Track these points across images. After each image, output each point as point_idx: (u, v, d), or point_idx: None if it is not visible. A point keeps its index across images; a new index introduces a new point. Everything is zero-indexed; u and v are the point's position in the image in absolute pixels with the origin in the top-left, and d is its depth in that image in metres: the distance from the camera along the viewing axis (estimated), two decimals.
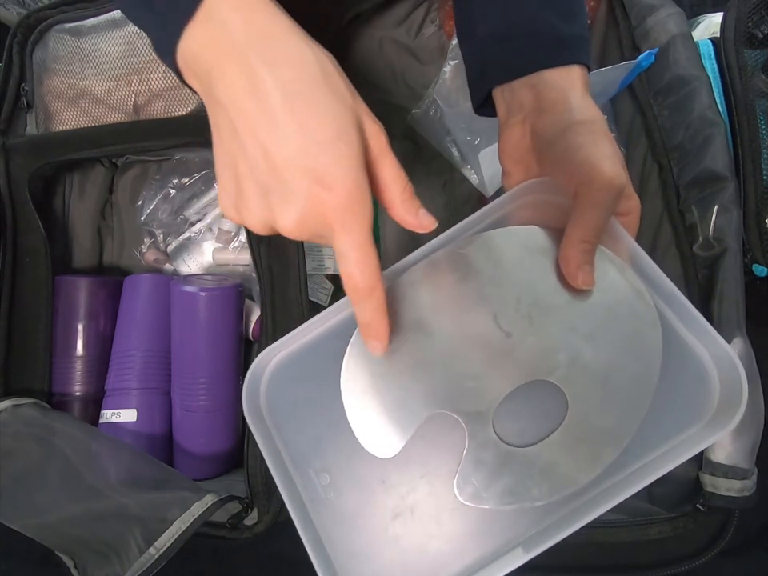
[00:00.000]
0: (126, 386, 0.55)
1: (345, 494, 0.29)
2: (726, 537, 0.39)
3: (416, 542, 0.28)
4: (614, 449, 0.27)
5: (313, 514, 0.29)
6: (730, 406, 0.27)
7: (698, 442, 0.27)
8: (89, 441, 0.46)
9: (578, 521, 0.26)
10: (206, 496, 0.42)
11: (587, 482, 0.27)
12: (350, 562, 0.28)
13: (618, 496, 0.26)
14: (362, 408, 0.30)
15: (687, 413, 0.28)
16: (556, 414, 0.28)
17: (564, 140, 0.30)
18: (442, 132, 0.59)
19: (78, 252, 0.66)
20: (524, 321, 0.29)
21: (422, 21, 0.60)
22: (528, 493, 0.27)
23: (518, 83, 0.32)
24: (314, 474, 0.30)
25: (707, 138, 0.43)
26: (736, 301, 0.40)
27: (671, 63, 0.45)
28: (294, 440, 0.31)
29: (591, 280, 0.28)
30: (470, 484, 0.28)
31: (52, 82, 0.57)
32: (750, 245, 0.43)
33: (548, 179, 0.31)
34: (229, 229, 0.62)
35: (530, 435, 0.28)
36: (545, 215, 0.31)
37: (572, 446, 0.28)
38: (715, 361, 0.28)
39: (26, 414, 0.49)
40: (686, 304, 0.28)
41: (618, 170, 0.28)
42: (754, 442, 0.38)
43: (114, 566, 0.41)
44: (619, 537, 0.39)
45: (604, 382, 0.28)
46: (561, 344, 0.29)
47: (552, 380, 0.28)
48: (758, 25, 0.46)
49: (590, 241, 0.28)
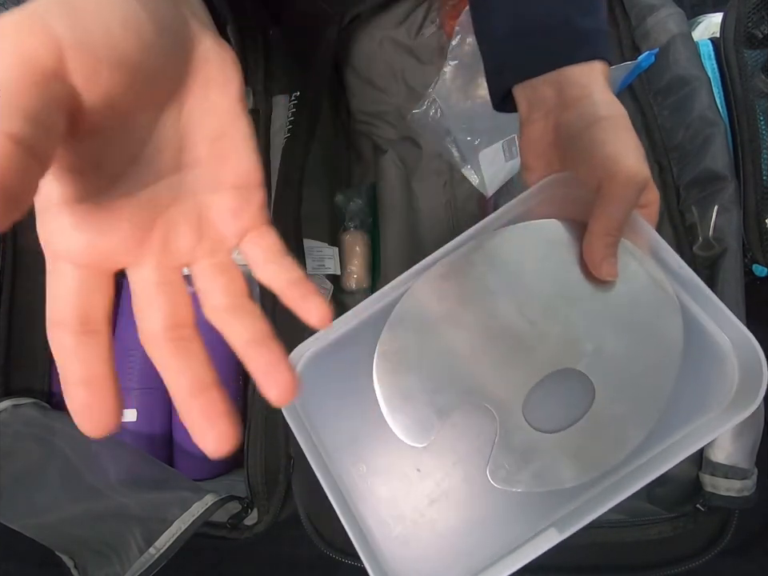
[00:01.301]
0: (126, 386, 0.55)
1: (381, 483, 0.31)
2: (726, 537, 0.39)
3: (452, 525, 0.29)
4: (639, 433, 0.29)
5: (351, 503, 0.31)
6: (750, 391, 0.28)
7: (718, 426, 0.28)
8: (89, 441, 0.46)
9: (609, 501, 0.27)
10: (206, 496, 0.42)
11: (614, 465, 0.28)
12: (390, 547, 0.30)
13: (644, 477, 0.27)
14: (395, 399, 0.31)
15: (708, 397, 0.29)
16: (583, 401, 0.29)
17: (588, 135, 0.30)
18: (442, 132, 0.59)
19: None
20: (549, 312, 0.30)
21: (422, 21, 0.60)
22: (558, 476, 0.29)
23: (539, 80, 0.32)
24: (351, 464, 0.31)
25: (707, 137, 0.43)
26: (736, 301, 0.40)
27: (671, 63, 0.45)
28: (330, 433, 0.32)
29: (615, 271, 0.29)
30: (502, 468, 0.29)
31: None
32: (750, 245, 0.43)
33: (571, 174, 0.32)
34: None
35: (559, 421, 0.29)
36: (567, 209, 0.32)
37: (598, 431, 0.29)
38: (735, 346, 0.29)
39: (26, 414, 0.49)
40: (707, 291, 0.29)
41: (642, 164, 0.29)
42: (754, 442, 0.38)
43: (114, 565, 0.41)
44: (619, 537, 0.39)
45: (628, 369, 0.29)
46: (585, 334, 0.30)
47: (579, 368, 0.30)
48: (758, 25, 0.46)
49: (614, 234, 0.29)
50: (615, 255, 0.29)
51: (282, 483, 0.44)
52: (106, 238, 0.18)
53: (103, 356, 0.18)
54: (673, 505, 0.41)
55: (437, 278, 0.32)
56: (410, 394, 0.31)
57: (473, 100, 0.57)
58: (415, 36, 0.61)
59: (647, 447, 0.29)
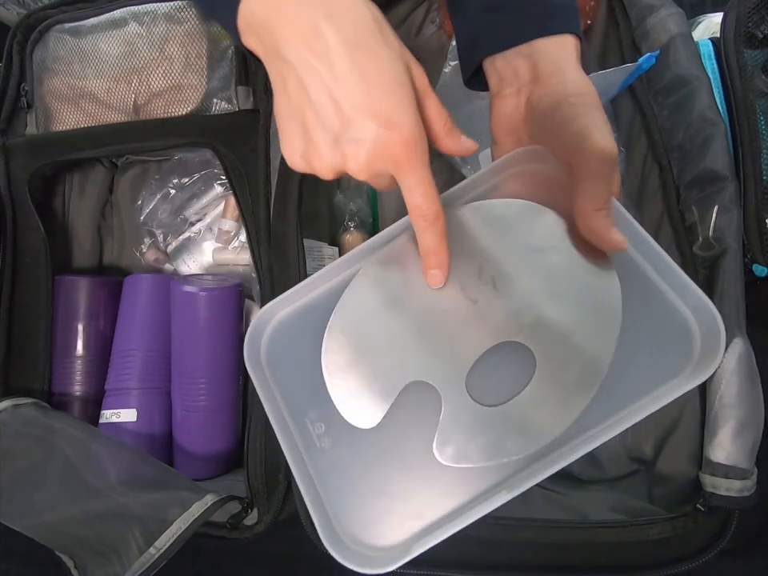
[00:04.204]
0: (126, 386, 0.55)
1: (338, 443, 0.31)
2: (726, 537, 0.39)
3: (405, 488, 0.30)
4: (582, 399, 0.29)
5: (308, 460, 0.31)
6: (710, 356, 0.28)
7: (676, 391, 0.28)
8: (89, 441, 0.46)
9: (558, 463, 0.28)
10: (206, 496, 0.42)
11: (561, 433, 0.29)
12: (342, 507, 0.30)
13: (597, 440, 0.28)
14: (341, 381, 0.31)
15: (668, 364, 0.29)
16: (526, 372, 0.30)
17: (559, 111, 0.30)
18: None
19: (78, 252, 0.66)
20: (488, 287, 0.31)
21: (421, 21, 0.60)
22: (505, 448, 0.29)
23: (511, 53, 0.33)
24: (310, 423, 0.32)
25: (707, 138, 0.43)
26: (736, 301, 0.40)
27: (671, 63, 0.45)
28: (292, 391, 0.33)
29: (622, 237, 0.29)
30: (449, 445, 0.29)
31: (52, 82, 0.57)
32: (750, 245, 0.43)
33: (539, 147, 0.32)
34: (229, 229, 0.62)
35: (503, 394, 0.30)
36: (534, 184, 0.32)
37: (542, 401, 0.29)
38: (695, 313, 0.29)
39: (26, 414, 0.49)
40: (667, 260, 0.30)
41: (611, 140, 0.29)
42: (753, 442, 0.38)
43: (114, 565, 0.41)
44: (619, 537, 0.39)
45: (568, 337, 0.30)
46: (524, 306, 0.31)
47: (519, 340, 0.30)
48: (758, 25, 0.46)
49: (604, 207, 0.29)
50: (613, 225, 0.29)
51: (282, 483, 0.44)
52: None
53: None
54: (673, 505, 0.41)
55: (380, 263, 0.33)
56: (356, 377, 0.31)
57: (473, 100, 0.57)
58: (415, 36, 0.61)
59: (606, 413, 0.29)
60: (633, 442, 0.48)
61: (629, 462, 0.49)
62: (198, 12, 0.47)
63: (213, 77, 0.53)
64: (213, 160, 0.63)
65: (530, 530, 0.40)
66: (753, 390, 0.38)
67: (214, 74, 0.53)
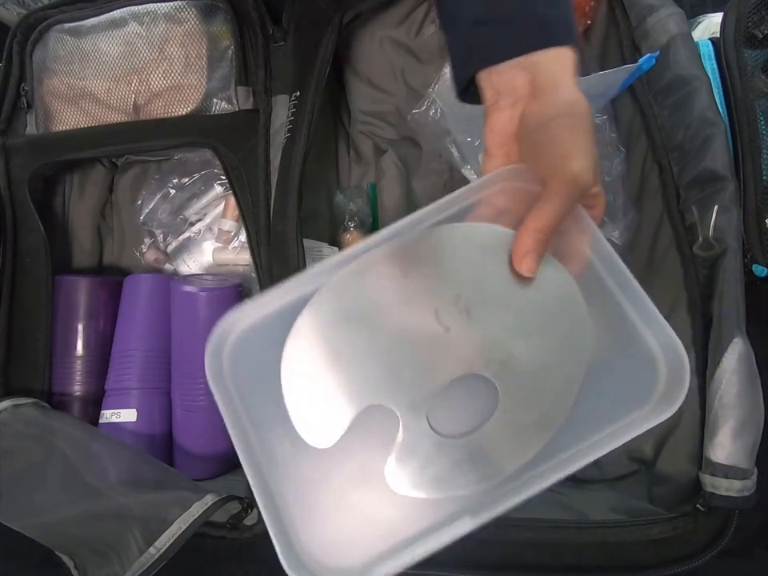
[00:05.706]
0: (126, 386, 0.55)
1: (304, 460, 0.30)
2: (726, 537, 0.39)
3: (367, 510, 0.29)
4: (540, 439, 0.29)
5: (269, 476, 0.29)
6: (674, 392, 0.28)
7: (639, 427, 0.28)
8: (89, 441, 0.46)
9: (522, 493, 0.27)
10: (206, 496, 0.42)
11: (514, 470, 0.28)
12: (304, 525, 0.29)
13: (557, 474, 0.28)
14: (300, 397, 0.30)
15: (632, 398, 0.29)
16: (487, 407, 0.29)
17: (545, 130, 0.30)
18: (442, 132, 0.59)
19: (78, 252, 0.66)
20: (462, 316, 0.30)
21: (421, 21, 0.60)
22: (457, 482, 0.28)
23: (506, 65, 0.32)
24: (275, 438, 0.30)
25: (707, 138, 0.43)
26: (736, 301, 0.40)
27: (671, 63, 0.45)
28: (257, 405, 0.31)
29: (535, 268, 0.29)
30: (402, 473, 0.29)
31: (52, 82, 0.57)
32: (750, 245, 0.43)
33: (523, 167, 0.32)
34: (229, 229, 0.62)
35: (463, 427, 0.29)
36: (516, 202, 0.32)
37: (500, 437, 0.29)
38: (663, 348, 0.29)
39: (26, 414, 0.49)
40: (641, 293, 0.30)
41: (588, 167, 0.29)
42: (753, 442, 0.38)
43: (114, 565, 0.41)
44: (619, 537, 0.39)
45: (534, 377, 0.29)
46: (496, 341, 0.30)
47: (486, 375, 0.30)
48: (758, 25, 0.46)
49: (544, 231, 0.29)
50: (540, 253, 0.29)
51: None
52: None
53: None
54: (673, 505, 0.41)
55: (354, 275, 0.31)
56: (315, 393, 0.30)
57: None
58: (415, 36, 0.61)
59: (568, 444, 0.29)
60: (633, 442, 0.48)
61: (629, 462, 0.49)
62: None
63: (213, 77, 0.53)
64: (213, 160, 0.63)
65: (530, 529, 0.40)
66: (753, 390, 0.38)
67: (214, 74, 0.53)
